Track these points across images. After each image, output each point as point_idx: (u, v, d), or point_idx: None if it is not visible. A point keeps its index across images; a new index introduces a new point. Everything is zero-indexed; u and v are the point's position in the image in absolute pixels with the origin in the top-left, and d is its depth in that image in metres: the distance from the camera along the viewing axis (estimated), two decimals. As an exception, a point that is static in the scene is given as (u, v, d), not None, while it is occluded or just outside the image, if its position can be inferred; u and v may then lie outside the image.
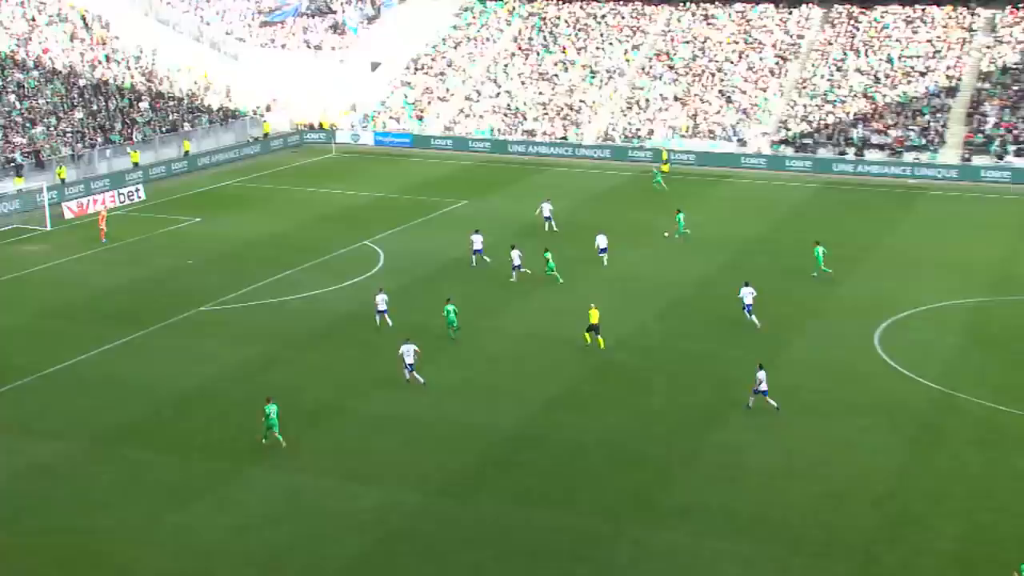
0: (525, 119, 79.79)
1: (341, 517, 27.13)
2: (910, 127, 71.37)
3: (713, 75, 79.72)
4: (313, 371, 36.34)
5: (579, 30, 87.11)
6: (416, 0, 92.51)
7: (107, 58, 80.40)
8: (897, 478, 28.96)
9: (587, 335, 38.35)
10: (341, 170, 72.04)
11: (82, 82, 75.44)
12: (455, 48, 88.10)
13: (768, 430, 31.70)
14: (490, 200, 62.37)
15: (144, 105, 75.44)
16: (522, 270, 45.66)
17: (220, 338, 39.19)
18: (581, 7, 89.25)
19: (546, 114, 79.78)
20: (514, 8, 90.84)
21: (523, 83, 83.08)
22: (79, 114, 70.81)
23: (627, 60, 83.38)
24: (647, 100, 78.99)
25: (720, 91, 78.22)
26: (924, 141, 70.17)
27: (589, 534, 26.36)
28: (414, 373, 34.86)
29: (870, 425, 32.00)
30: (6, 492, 28.18)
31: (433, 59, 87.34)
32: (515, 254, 45.74)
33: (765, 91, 77.42)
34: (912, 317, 41.35)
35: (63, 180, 62.94)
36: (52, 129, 67.70)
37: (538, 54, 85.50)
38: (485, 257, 47.18)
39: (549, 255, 45.79)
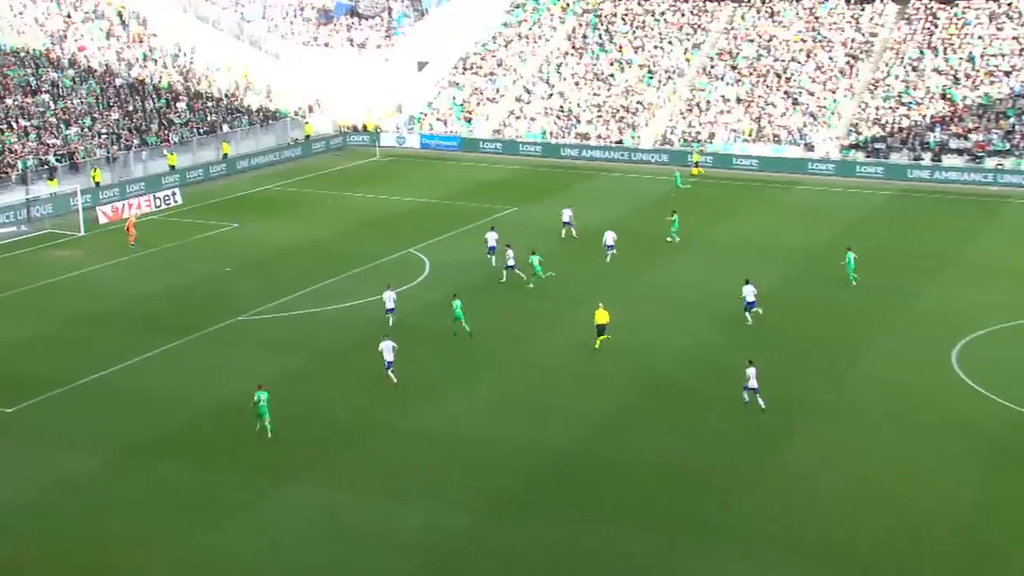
0: (579, 121, 79.66)
1: (382, 539, 27.05)
2: (993, 131, 70.17)
3: (779, 76, 79.04)
4: (352, 383, 36.40)
5: (637, 28, 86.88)
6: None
7: (144, 56, 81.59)
8: (977, 507, 28.30)
9: (599, 340, 38.92)
10: (385, 174, 72.35)
11: (118, 81, 76.59)
12: (506, 47, 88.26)
13: (837, 453, 31.15)
14: (541, 206, 62.26)
15: (182, 105, 76.41)
16: (515, 271, 46.31)
17: (257, 349, 39.41)
18: (639, 3, 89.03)
19: (601, 116, 79.59)
20: (568, 4, 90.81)
21: (577, 84, 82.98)
22: (115, 115, 71.87)
23: (687, 59, 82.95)
24: (708, 102, 78.49)
25: (786, 92, 77.51)
26: (1008, 146, 68.94)
27: (644, 561, 26.04)
28: (389, 372, 35.82)
29: (948, 449, 31.34)
30: (32, 507, 28.46)
31: (482, 58, 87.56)
32: (509, 253, 46.69)
33: (834, 92, 76.59)
34: (993, 334, 40.52)
35: (97, 183, 63.88)
36: (87, 130, 68.76)
37: (593, 53, 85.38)
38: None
39: (536, 259, 46.45)
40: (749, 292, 41.34)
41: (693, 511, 28.24)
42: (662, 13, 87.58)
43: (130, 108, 73.60)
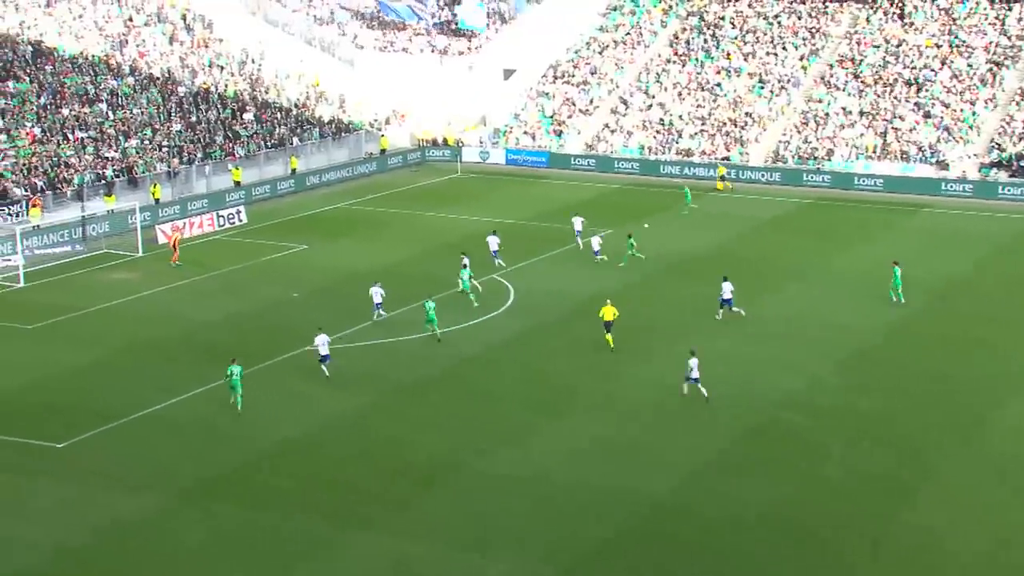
0: (680, 136, 79.72)
1: (456, 593, 27.37)
2: None
3: (908, 85, 78.22)
4: (428, 422, 36.89)
5: (747, 32, 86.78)
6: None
7: (209, 63, 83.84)
8: None
9: (608, 337, 42.39)
10: (467, 192, 73.13)
11: (181, 90, 78.81)
12: (600, 53, 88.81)
13: (972, 511, 30.68)
14: (631, 230, 62.30)
15: (248, 116, 78.29)
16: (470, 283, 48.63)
17: (325, 382, 40.13)
18: (750, 6, 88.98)
19: (705, 130, 79.55)
20: (670, 7, 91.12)
21: (679, 94, 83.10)
22: (176, 126, 73.91)
23: (803, 68, 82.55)
24: (826, 115, 77.97)
25: (916, 104, 76.65)
26: None
27: (747, 627, 25.92)
28: (324, 365, 39.60)
29: (1098, 510, 30.65)
30: (87, 550, 29.32)
31: (575, 66, 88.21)
32: (465, 260, 49.86)
33: (973, 104, 75.50)
34: None
35: (157, 200, 65.69)
36: (147, 142, 70.79)
37: (697, 60, 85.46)
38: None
39: (466, 273, 48.66)
40: (727, 289, 45.57)
41: (803, 573, 28.01)
42: (776, 16, 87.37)
43: (193, 119, 75.66)
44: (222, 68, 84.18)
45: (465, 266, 49.62)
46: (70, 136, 68.17)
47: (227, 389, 37.52)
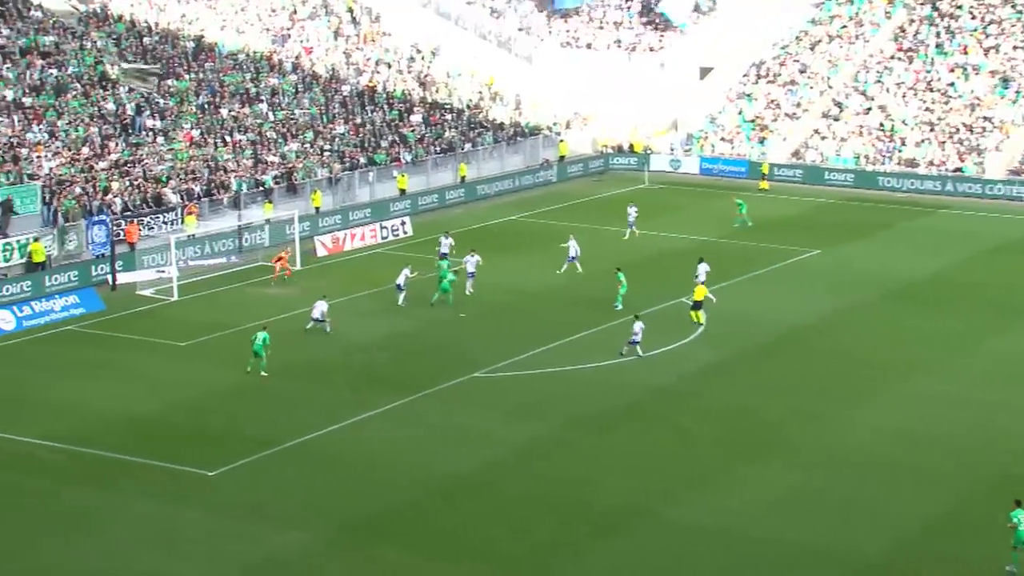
0: (904, 144, 77.91)
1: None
2: None
3: None
4: (610, 461, 36.81)
5: (989, 23, 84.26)
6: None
7: (377, 60, 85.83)
8: None
9: (693, 314, 47.77)
10: (655, 205, 72.90)
11: (345, 89, 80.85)
12: (811, 49, 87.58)
13: None
14: (851, 249, 61.22)
15: (416, 118, 79.78)
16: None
17: (497, 413, 40.50)
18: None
19: (934, 137, 77.56)
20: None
21: (904, 96, 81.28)
22: (339, 128, 75.84)
23: (1052, 64, 79.78)
24: (1081, 119, 75.17)
25: None
26: None
27: None
28: (309, 327, 47.14)
29: None
30: (236, 587, 30.28)
31: (782, 63, 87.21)
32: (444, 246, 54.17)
33: None
34: None
35: (317, 208, 67.45)
36: (308, 146, 72.81)
37: (927, 56, 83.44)
38: None
39: (447, 275, 51.74)
40: (702, 271, 51.30)
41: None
42: None
43: (358, 121, 77.51)
44: (389, 65, 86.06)
45: (444, 256, 55.11)
46: (228, 139, 70.54)
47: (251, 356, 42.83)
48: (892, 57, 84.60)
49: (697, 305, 48.64)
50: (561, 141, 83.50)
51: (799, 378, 43.34)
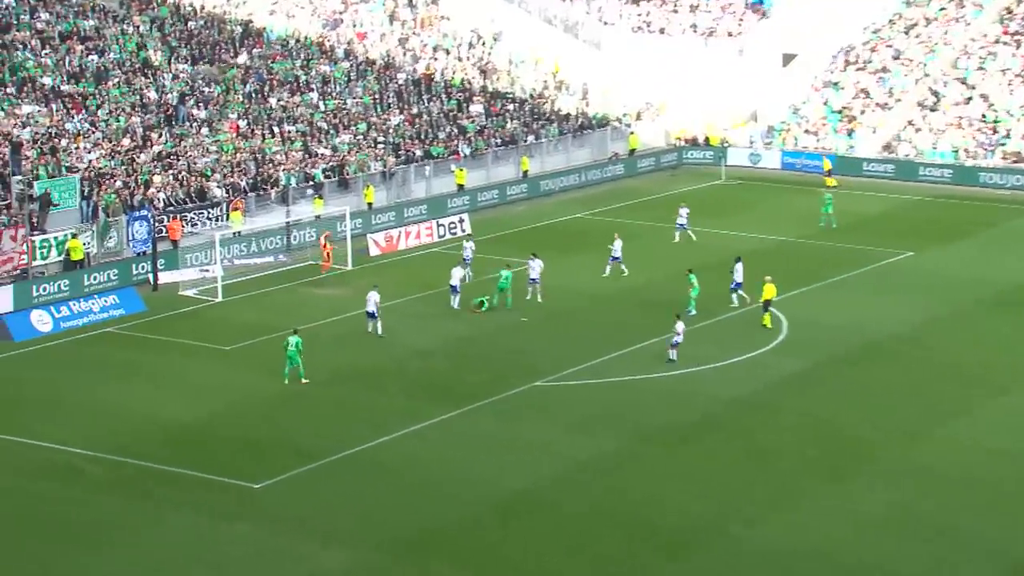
0: (1008, 136, 76.98)
1: None
2: None
3: None
4: (682, 477, 36.64)
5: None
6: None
7: (434, 46, 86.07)
8: None
9: (764, 317, 48.21)
10: (733, 202, 72.57)
11: (401, 77, 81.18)
12: (906, 33, 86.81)
13: None
14: (950, 252, 60.60)
15: (476, 108, 79.93)
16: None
17: (559, 425, 40.45)
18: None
19: (1038, 129, 76.72)
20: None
21: (1009, 84, 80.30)
22: (394, 118, 76.13)
23: None
24: None
25: None
26: None
27: None
28: (377, 325, 47.99)
29: None
30: (280, 607, 30.48)
31: (873, 49, 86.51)
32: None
33: None
34: None
35: (370, 204, 67.74)
36: (360, 138, 73.16)
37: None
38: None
39: (504, 272, 52.02)
40: (739, 272, 51.16)
41: None
42: None
43: (413, 111, 77.78)
44: (448, 52, 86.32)
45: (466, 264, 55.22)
46: (276, 130, 71.00)
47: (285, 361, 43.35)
48: (996, 41, 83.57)
49: (767, 306, 49.04)
50: (631, 133, 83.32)
51: (888, 390, 42.93)
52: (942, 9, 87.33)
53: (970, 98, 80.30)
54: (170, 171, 63.39)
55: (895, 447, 38.58)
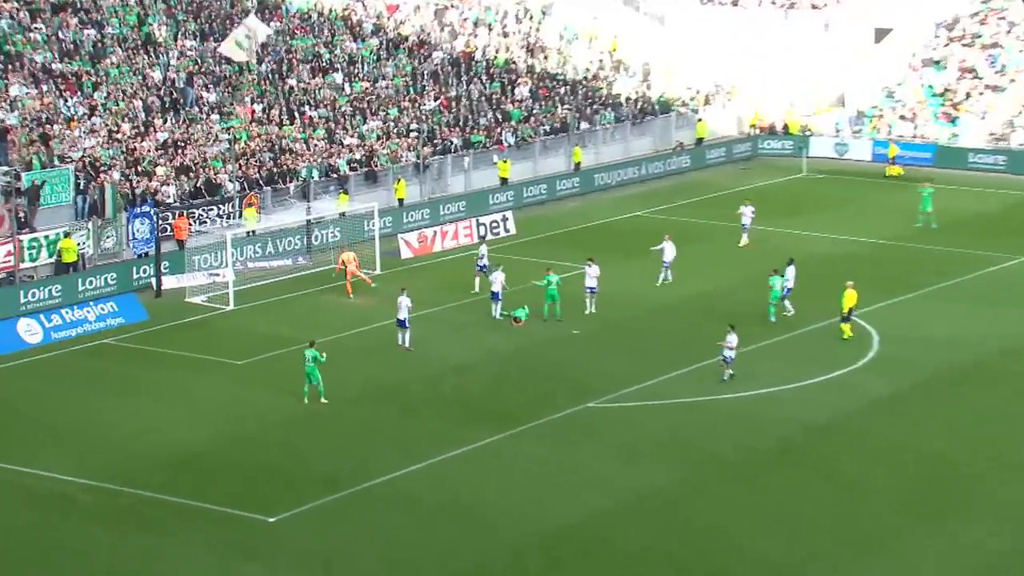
0: None
1: None
2: None
3: None
4: (750, 513, 36.59)
5: None
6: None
7: (475, 21, 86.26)
8: None
9: (844, 327, 48.95)
10: (815, 198, 72.46)
11: (436, 56, 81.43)
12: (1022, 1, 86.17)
13: None
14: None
15: (523, 91, 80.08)
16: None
17: (613, 451, 40.49)
18: None
19: None
20: None
21: None
22: (429, 103, 76.38)
23: None
24: None
25: None
26: None
27: None
28: (407, 336, 48.59)
29: None
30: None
31: (982, 21, 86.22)
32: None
33: None
34: None
35: (401, 200, 68.01)
36: (391, 124, 73.43)
37: None
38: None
39: (551, 278, 52.24)
40: (790, 275, 51.84)
41: None
42: None
43: (451, 94, 78.01)
44: (490, 27, 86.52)
45: (483, 269, 55.63)
46: (296, 115, 71.30)
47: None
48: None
49: (848, 315, 49.47)
50: (699, 120, 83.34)
51: (994, 416, 42.75)
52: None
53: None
54: (176, 162, 63.70)
55: (1006, 481, 38.33)
